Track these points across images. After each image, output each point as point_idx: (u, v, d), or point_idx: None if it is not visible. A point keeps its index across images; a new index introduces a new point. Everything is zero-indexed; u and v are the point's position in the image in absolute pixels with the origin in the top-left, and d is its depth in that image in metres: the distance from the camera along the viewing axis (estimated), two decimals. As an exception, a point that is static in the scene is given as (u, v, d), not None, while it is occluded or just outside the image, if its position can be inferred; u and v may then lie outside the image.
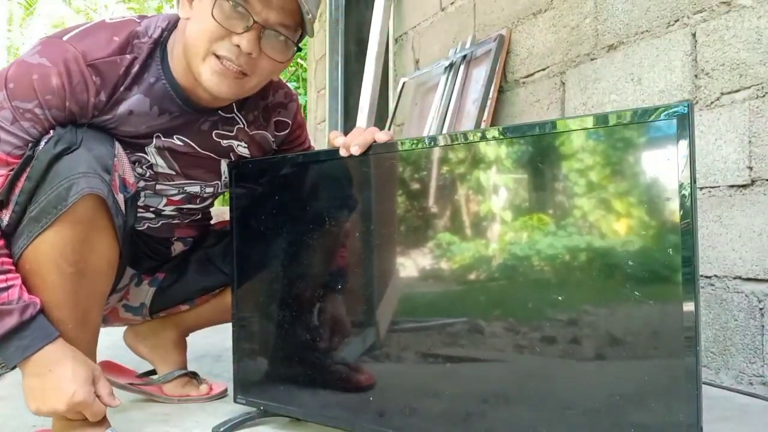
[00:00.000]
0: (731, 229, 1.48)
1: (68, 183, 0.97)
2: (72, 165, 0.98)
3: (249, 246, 1.18)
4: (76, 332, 1.04)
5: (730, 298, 1.48)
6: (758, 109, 1.42)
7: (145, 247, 1.32)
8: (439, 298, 0.97)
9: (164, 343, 1.41)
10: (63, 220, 0.97)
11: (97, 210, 1.00)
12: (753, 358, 1.43)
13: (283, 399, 1.14)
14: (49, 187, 0.97)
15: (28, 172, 0.98)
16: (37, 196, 0.98)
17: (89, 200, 0.98)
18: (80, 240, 1.00)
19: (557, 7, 2.01)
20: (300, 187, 1.12)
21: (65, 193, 0.97)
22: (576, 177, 0.83)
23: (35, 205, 0.98)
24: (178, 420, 1.26)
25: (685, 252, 0.74)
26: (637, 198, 0.78)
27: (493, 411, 0.90)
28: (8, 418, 1.27)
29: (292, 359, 1.13)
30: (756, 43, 1.42)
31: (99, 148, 1.02)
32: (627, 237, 0.79)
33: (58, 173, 0.97)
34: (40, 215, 0.98)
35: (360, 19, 3.70)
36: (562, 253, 0.83)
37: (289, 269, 1.13)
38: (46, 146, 0.99)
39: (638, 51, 1.70)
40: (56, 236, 0.98)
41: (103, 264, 1.06)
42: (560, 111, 1.98)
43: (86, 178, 0.97)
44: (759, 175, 1.42)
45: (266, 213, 1.16)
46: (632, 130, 0.78)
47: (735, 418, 1.26)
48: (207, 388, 1.41)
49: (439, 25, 2.70)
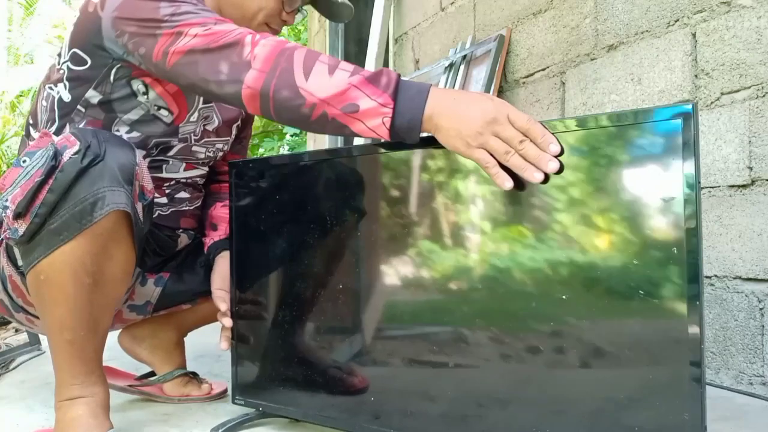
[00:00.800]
0: (731, 229, 1.48)
1: (93, 198, 0.96)
2: (96, 179, 0.97)
3: (248, 247, 1.18)
4: (87, 337, 1.04)
5: (730, 298, 1.49)
6: (758, 109, 1.42)
7: (153, 243, 1.31)
8: (441, 301, 0.97)
9: (165, 344, 1.41)
10: (85, 234, 0.97)
11: (120, 222, 1.00)
12: (753, 358, 1.43)
13: (282, 400, 1.14)
14: (73, 201, 0.96)
15: (51, 184, 0.96)
16: (58, 209, 0.96)
17: (114, 214, 0.98)
18: (100, 252, 1.00)
19: (557, 7, 2.01)
20: (299, 188, 1.12)
21: (90, 208, 0.96)
22: (581, 177, 0.83)
23: (57, 217, 0.96)
24: (178, 420, 1.26)
25: (690, 251, 0.74)
26: (642, 198, 0.78)
27: (498, 412, 0.90)
28: (8, 418, 1.27)
29: (291, 360, 1.13)
30: (756, 43, 1.42)
31: (122, 158, 1.01)
32: (632, 236, 0.79)
33: (83, 187, 0.96)
34: (62, 228, 0.96)
35: (360, 19, 3.70)
36: (568, 253, 0.83)
37: (288, 270, 1.13)
38: (72, 158, 0.97)
39: (638, 51, 1.70)
40: (77, 249, 0.97)
41: (120, 272, 1.06)
42: (560, 111, 1.98)
43: (112, 192, 0.97)
44: (759, 175, 1.42)
45: (265, 214, 1.16)
46: (637, 130, 0.79)
47: (735, 418, 1.26)
48: (208, 388, 1.41)
49: (439, 25, 2.70)
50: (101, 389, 1.08)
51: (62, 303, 1.00)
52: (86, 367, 1.05)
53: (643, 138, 0.78)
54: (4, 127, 6.76)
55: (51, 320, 1.03)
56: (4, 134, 6.45)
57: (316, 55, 0.94)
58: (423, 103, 0.88)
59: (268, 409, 1.17)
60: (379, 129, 0.90)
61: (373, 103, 0.89)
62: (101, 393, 1.07)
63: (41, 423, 1.21)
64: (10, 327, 2.52)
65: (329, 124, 0.93)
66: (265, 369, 1.18)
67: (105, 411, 1.07)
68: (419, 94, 0.89)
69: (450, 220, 0.94)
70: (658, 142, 0.77)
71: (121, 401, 1.37)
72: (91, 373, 1.06)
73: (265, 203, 1.16)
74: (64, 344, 1.03)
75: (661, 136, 0.77)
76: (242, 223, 1.19)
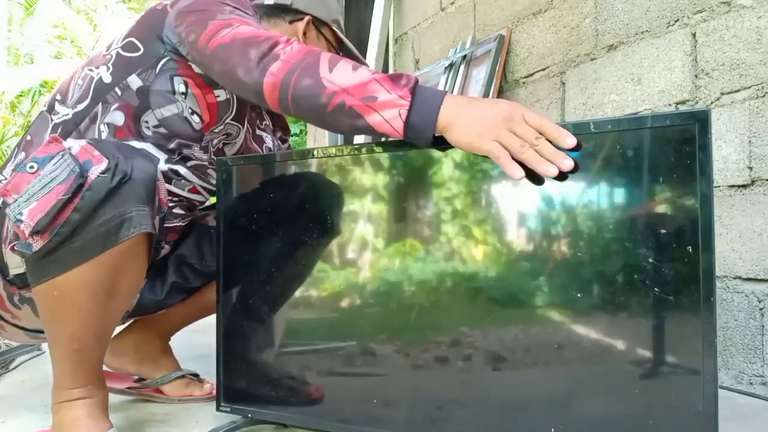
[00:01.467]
0: (731, 229, 1.48)
1: (120, 219, 0.94)
2: (125, 199, 0.95)
3: (234, 251, 1.17)
4: (93, 347, 1.04)
5: (730, 298, 1.49)
6: (758, 109, 1.42)
7: None
8: (439, 303, 0.97)
9: (150, 356, 1.40)
10: (107, 254, 0.95)
11: (142, 242, 1.00)
12: (753, 358, 1.43)
13: (270, 405, 1.13)
14: (99, 222, 0.94)
15: (77, 203, 0.93)
16: (82, 228, 0.93)
17: (140, 235, 0.98)
18: (120, 269, 0.99)
19: (557, 7, 2.01)
20: (286, 189, 1.11)
21: (116, 228, 0.94)
22: (594, 179, 0.84)
23: (79, 238, 0.94)
24: (178, 420, 1.25)
25: (705, 251, 0.76)
26: (658, 199, 0.80)
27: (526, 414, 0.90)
28: (8, 418, 1.27)
29: (277, 365, 1.13)
30: (756, 43, 1.42)
31: (146, 174, 0.99)
32: (647, 236, 0.80)
33: (111, 207, 0.94)
34: (84, 248, 0.94)
35: (360, 19, 3.70)
36: (584, 251, 0.85)
37: (276, 273, 1.12)
38: (101, 177, 0.94)
39: (638, 51, 1.70)
40: (98, 267, 0.96)
41: (133, 285, 1.06)
42: (560, 111, 1.98)
43: (139, 214, 0.96)
44: (759, 175, 1.42)
45: (251, 216, 1.15)
46: (653, 133, 0.80)
47: (735, 418, 1.26)
48: (210, 388, 1.40)
49: (439, 25, 2.70)
50: (100, 390, 1.07)
51: (75, 317, 0.99)
52: (90, 373, 1.05)
53: (657, 141, 0.80)
54: (4, 127, 6.76)
55: (60, 332, 1.02)
56: (4, 134, 6.45)
57: (342, 58, 0.98)
58: (439, 102, 0.90)
59: (256, 416, 1.16)
60: (395, 121, 0.91)
61: (392, 96, 0.91)
62: (100, 394, 1.07)
63: (41, 423, 1.21)
64: (10, 327, 2.51)
65: (345, 115, 0.94)
66: (251, 374, 1.16)
67: (104, 411, 1.07)
68: (436, 95, 0.91)
69: (446, 225, 0.94)
70: (673, 146, 0.79)
71: (121, 401, 1.37)
72: (93, 378, 1.06)
73: (251, 205, 1.16)
74: (72, 353, 1.02)
75: (678, 139, 0.78)
76: (229, 224, 1.18)
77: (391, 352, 1.01)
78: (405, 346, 0.99)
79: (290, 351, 1.13)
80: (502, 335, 0.90)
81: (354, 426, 1.02)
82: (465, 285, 0.93)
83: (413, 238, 0.98)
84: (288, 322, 1.13)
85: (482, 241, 0.92)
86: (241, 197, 1.18)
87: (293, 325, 1.13)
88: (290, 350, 1.13)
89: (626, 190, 0.82)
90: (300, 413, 1.09)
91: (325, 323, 1.09)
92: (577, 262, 0.85)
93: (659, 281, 0.79)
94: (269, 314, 1.14)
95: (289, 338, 1.13)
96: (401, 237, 0.99)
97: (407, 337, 0.98)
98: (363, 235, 1.03)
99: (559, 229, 0.86)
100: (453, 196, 0.94)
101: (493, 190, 0.91)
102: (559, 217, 0.86)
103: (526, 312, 0.89)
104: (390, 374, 1.00)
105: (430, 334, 0.96)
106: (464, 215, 0.93)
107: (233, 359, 1.18)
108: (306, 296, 1.10)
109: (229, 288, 1.18)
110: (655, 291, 0.80)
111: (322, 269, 1.08)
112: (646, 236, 0.80)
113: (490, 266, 0.91)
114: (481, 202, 0.92)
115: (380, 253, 1.01)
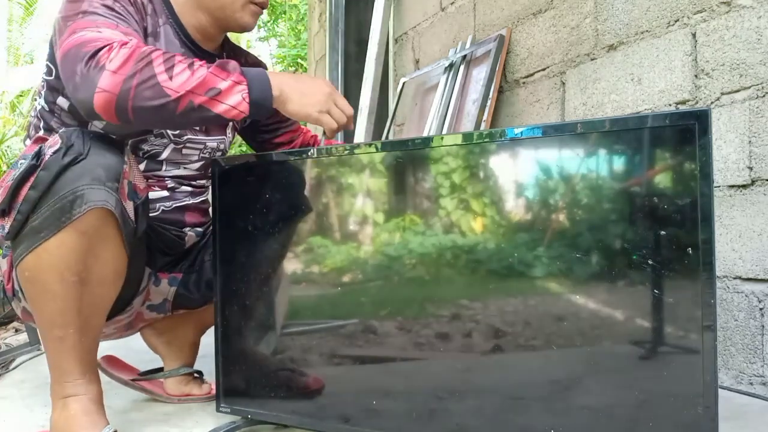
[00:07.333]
0: (731, 229, 1.48)
1: (72, 196, 0.96)
2: (77, 176, 0.97)
3: (231, 250, 1.17)
4: (77, 337, 1.04)
5: (730, 298, 1.49)
6: (758, 109, 1.42)
7: (159, 242, 1.31)
8: (442, 296, 0.97)
9: (180, 341, 1.42)
10: (67, 231, 0.97)
11: (104, 221, 1.00)
12: (753, 358, 1.43)
13: (269, 406, 1.13)
14: (53, 199, 0.97)
15: (32, 182, 0.98)
16: (40, 206, 0.97)
17: (96, 212, 0.98)
18: (85, 250, 0.99)
19: (557, 7, 2.01)
20: (284, 189, 1.11)
21: (69, 205, 0.96)
22: (594, 179, 0.84)
23: (38, 215, 0.97)
24: (178, 420, 1.26)
25: (705, 250, 0.76)
26: (658, 199, 0.80)
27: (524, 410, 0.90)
28: (8, 418, 1.27)
29: (277, 365, 1.12)
30: (756, 43, 1.42)
31: (108, 156, 1.01)
32: (647, 236, 0.81)
33: (64, 185, 0.97)
34: (42, 225, 0.97)
35: (360, 19, 3.70)
36: (584, 251, 0.85)
37: (274, 273, 1.13)
38: (53, 156, 0.98)
39: (638, 51, 1.70)
40: (60, 246, 0.98)
41: (109, 273, 1.06)
42: (560, 111, 1.98)
43: (91, 190, 0.97)
44: (759, 175, 1.42)
45: (248, 215, 1.15)
46: (653, 133, 0.80)
47: (735, 418, 1.26)
48: (209, 388, 1.41)
49: (439, 25, 2.70)
50: (94, 387, 1.08)
51: (50, 300, 1.01)
52: (78, 367, 1.06)
53: (657, 141, 0.80)
54: (4, 127, 6.77)
55: (41, 317, 1.05)
56: (4, 134, 6.45)
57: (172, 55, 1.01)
58: (267, 78, 1.05)
59: (256, 416, 1.16)
60: (241, 105, 1.02)
61: (229, 83, 1.02)
62: (94, 390, 1.08)
63: (41, 423, 1.21)
64: (10, 327, 2.52)
65: (194, 112, 1.00)
66: (250, 375, 1.16)
67: (99, 408, 1.08)
68: (260, 72, 1.05)
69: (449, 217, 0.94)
70: (673, 146, 0.79)
71: (121, 401, 1.37)
72: (84, 372, 1.06)
73: (248, 204, 1.15)
74: (55, 341, 1.04)
75: (678, 138, 0.79)
76: (225, 226, 1.18)
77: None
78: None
79: (290, 350, 1.13)
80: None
81: (354, 426, 1.02)
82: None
83: (410, 237, 0.98)
84: (287, 320, 1.13)
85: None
86: (237, 196, 1.18)
87: (293, 324, 1.13)
88: (290, 349, 1.13)
89: (626, 189, 0.82)
90: (300, 413, 1.09)
91: (323, 315, 1.09)
92: (577, 262, 0.85)
93: (659, 282, 0.79)
94: (268, 313, 1.14)
95: (288, 337, 1.13)
96: (396, 237, 0.99)
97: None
98: (362, 235, 1.03)
99: (559, 230, 0.86)
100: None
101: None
102: (559, 217, 0.86)
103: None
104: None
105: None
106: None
107: (233, 359, 1.18)
108: (305, 296, 1.10)
109: (227, 288, 1.18)
110: (655, 292, 0.80)
111: (322, 269, 1.08)
112: (645, 237, 0.80)
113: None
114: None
115: (380, 253, 1.01)
